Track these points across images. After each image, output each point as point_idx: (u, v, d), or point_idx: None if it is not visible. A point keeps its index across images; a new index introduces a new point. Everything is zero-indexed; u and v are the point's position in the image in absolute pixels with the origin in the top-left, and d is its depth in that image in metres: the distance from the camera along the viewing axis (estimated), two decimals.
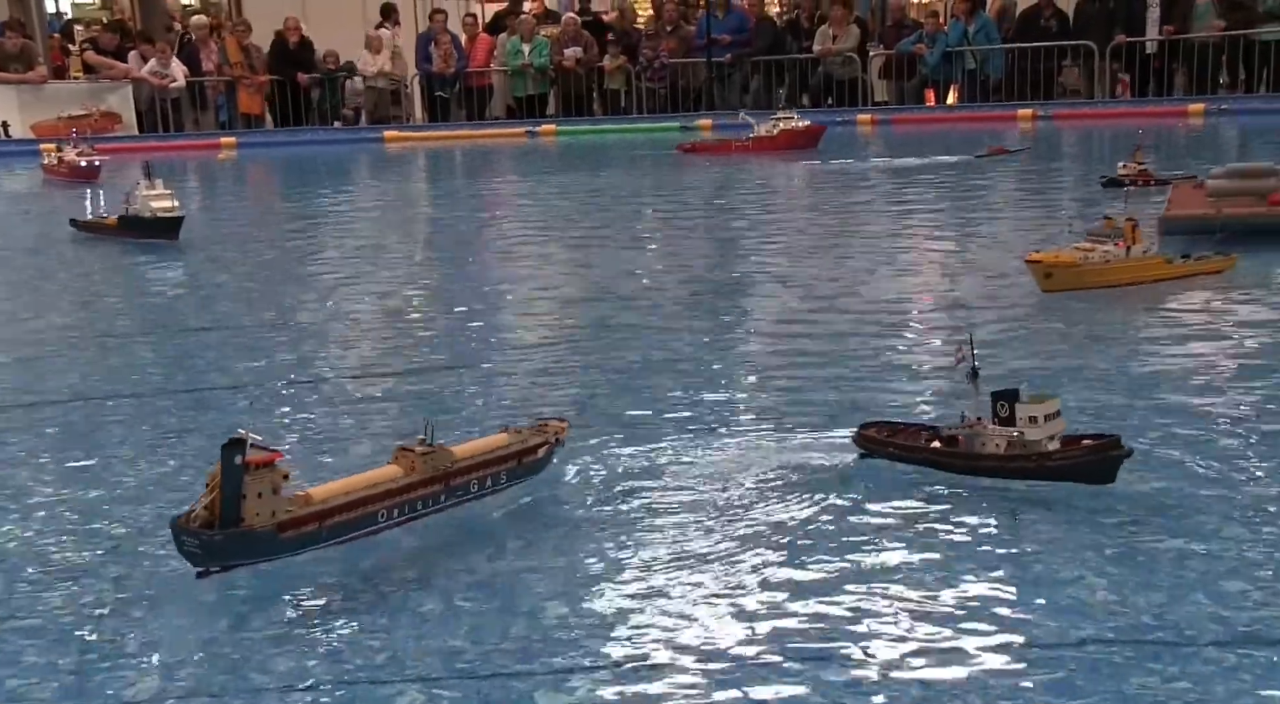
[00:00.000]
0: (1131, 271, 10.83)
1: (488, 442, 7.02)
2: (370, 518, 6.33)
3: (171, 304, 13.06)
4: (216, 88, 29.24)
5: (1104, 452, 6.49)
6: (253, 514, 5.97)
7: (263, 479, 5.99)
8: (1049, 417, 6.57)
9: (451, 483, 6.63)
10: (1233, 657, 4.98)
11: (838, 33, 27.17)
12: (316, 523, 6.15)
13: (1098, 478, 6.48)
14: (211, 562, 5.99)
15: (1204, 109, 24.17)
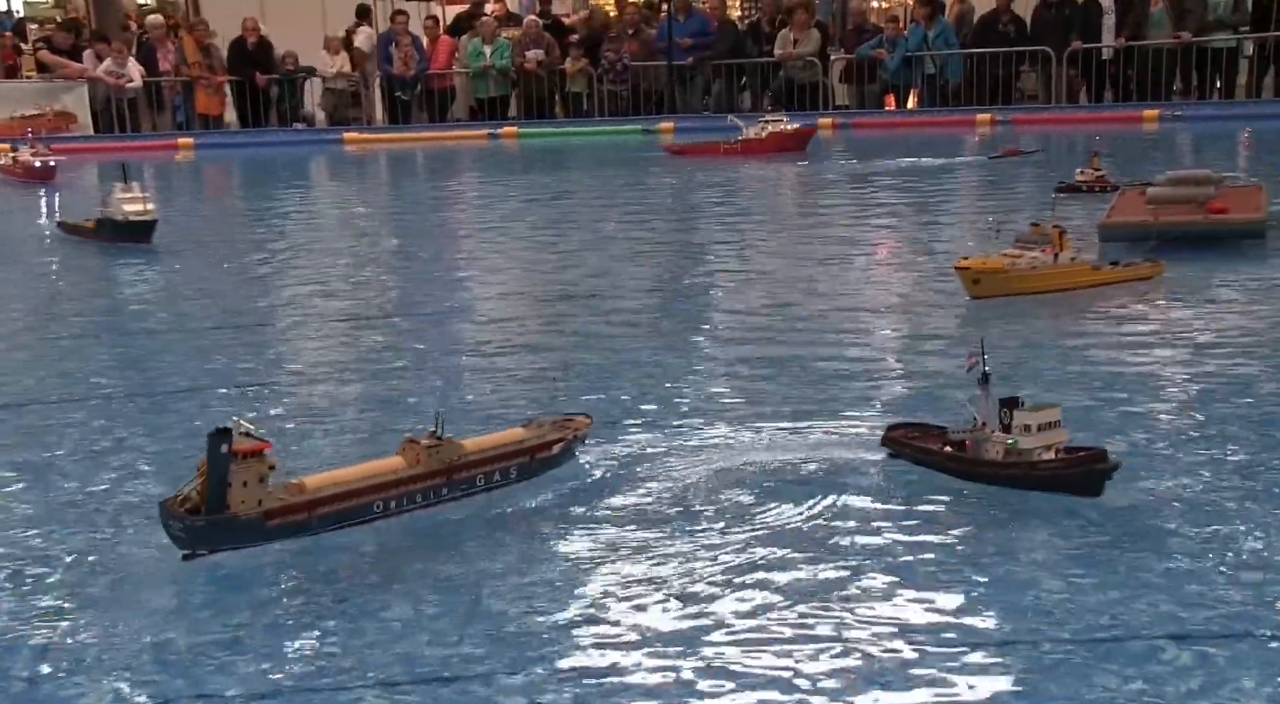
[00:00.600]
0: (1059, 278, 10.86)
1: (501, 436, 7.07)
2: (365, 508, 6.40)
3: (130, 306, 12.94)
4: (174, 88, 29.01)
5: (1088, 464, 6.45)
6: (238, 502, 6.07)
7: (249, 468, 6.08)
8: (1044, 426, 6.48)
9: (455, 477, 6.67)
10: (1188, 656, 5.04)
11: (798, 37, 27.29)
12: (306, 512, 6.24)
13: (1084, 490, 6.43)
14: (196, 546, 6.09)
15: (1159, 115, 24.42)
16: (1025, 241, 10.98)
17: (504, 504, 6.84)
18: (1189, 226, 12.47)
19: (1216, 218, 12.54)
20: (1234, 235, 12.51)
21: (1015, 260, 10.82)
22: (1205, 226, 12.47)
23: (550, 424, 7.28)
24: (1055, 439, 6.51)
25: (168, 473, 7.59)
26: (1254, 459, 7.11)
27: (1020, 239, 11.08)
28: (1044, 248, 10.84)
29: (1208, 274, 11.68)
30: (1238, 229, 12.53)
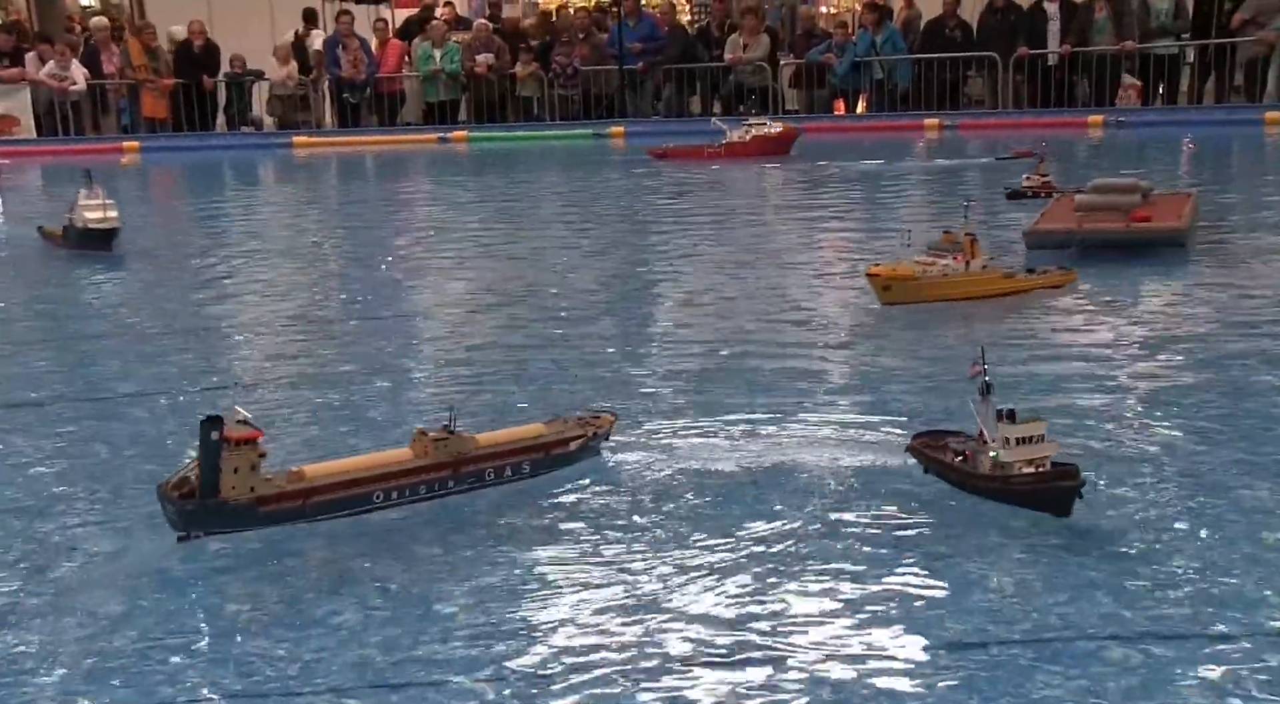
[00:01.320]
0: (970, 286, 10.84)
1: (519, 431, 7.15)
2: (364, 498, 6.53)
3: (78, 311, 12.77)
4: (118, 91, 28.71)
5: (1049, 481, 6.29)
6: (229, 488, 6.25)
7: (240, 456, 6.24)
8: (1026, 440, 6.33)
9: (462, 470, 6.74)
10: (1135, 655, 5.10)
11: (748, 41, 27.39)
12: (300, 499, 6.40)
13: (1054, 508, 6.26)
14: (189, 528, 6.28)
15: (1103, 121, 24.71)
16: (937, 249, 10.97)
17: (449, 508, 6.83)
18: (1111, 234, 12.53)
19: (1138, 226, 12.57)
20: (1155, 243, 12.54)
21: (927, 268, 10.81)
22: (1127, 234, 12.51)
23: (573, 421, 7.31)
24: (1038, 454, 6.33)
25: (112, 479, 7.54)
26: (1193, 462, 7.21)
27: (932, 246, 11.07)
28: (955, 255, 10.83)
29: (1120, 282, 11.72)
30: (1159, 237, 12.56)
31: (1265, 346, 9.52)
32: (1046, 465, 6.32)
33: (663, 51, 28.08)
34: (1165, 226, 12.65)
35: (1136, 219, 12.65)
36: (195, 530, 6.29)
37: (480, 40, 28.44)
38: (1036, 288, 11.16)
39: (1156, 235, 12.57)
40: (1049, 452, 6.34)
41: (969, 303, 10.78)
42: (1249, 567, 5.82)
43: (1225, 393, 8.45)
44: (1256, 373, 8.87)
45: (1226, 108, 25.26)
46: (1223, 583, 5.67)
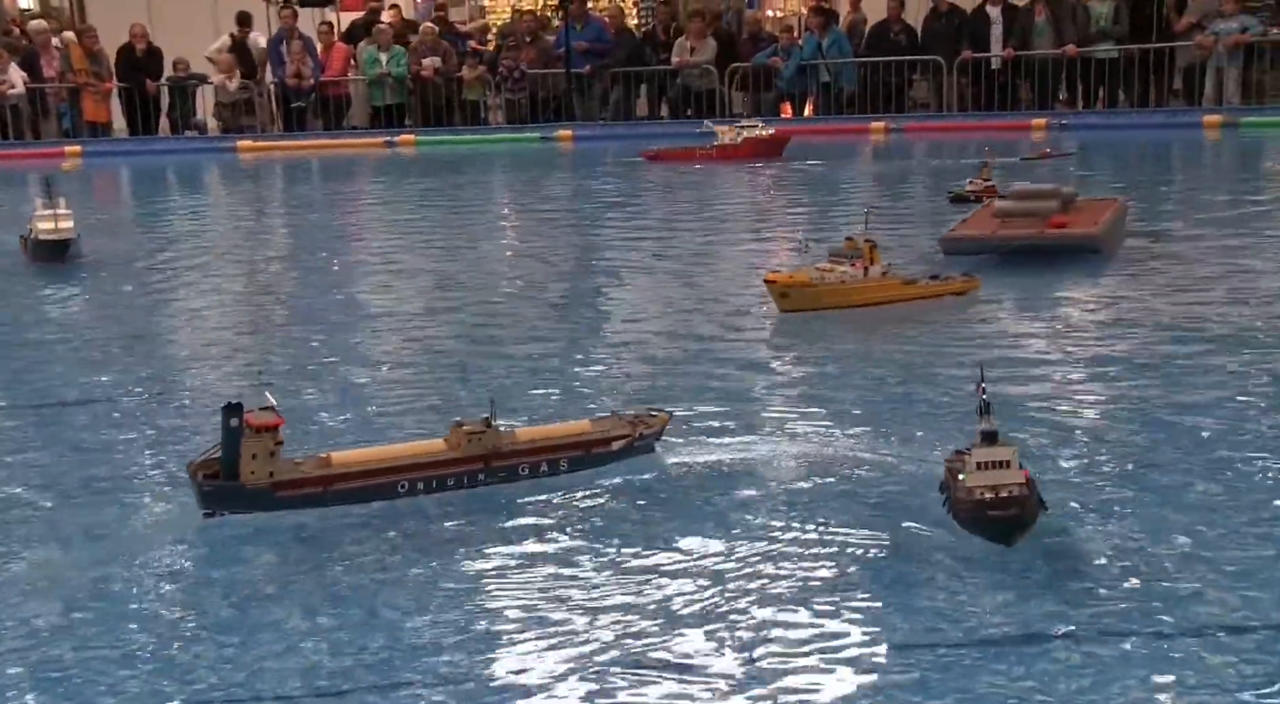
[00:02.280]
0: (869, 292, 10.78)
1: (562, 428, 7.19)
2: (388, 487, 6.70)
3: (19, 318, 12.58)
4: (59, 95, 28.34)
5: (983, 509, 6.08)
6: (248, 473, 6.51)
7: (258, 442, 6.51)
8: (989, 464, 6.07)
9: (493, 463, 6.80)
10: (1078, 656, 5.15)
11: (695, 45, 27.46)
12: (320, 486, 6.63)
13: (990, 536, 6.07)
14: (211, 507, 6.58)
15: (1046, 123, 24.97)
16: (837, 255, 10.93)
17: (395, 514, 6.80)
18: (1025, 240, 12.46)
19: (1052, 232, 12.54)
20: (1070, 249, 12.50)
21: (825, 274, 10.75)
22: (1041, 241, 12.45)
23: (624, 419, 7.26)
24: (1001, 480, 6.05)
25: (56, 485, 7.45)
26: (1136, 461, 7.30)
27: (833, 252, 11.01)
28: (854, 262, 10.79)
29: (1024, 288, 11.66)
30: (1073, 243, 12.51)
31: (1167, 351, 9.56)
32: (1008, 492, 6.05)
33: (610, 54, 28.08)
34: (1079, 233, 12.56)
35: (1053, 225, 12.59)
36: (218, 509, 6.57)
37: (427, 44, 28.32)
38: (938, 295, 11.06)
39: (1071, 242, 12.51)
40: (1014, 479, 6.07)
41: (869, 309, 10.67)
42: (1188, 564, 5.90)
43: (1120, 397, 8.56)
44: (1137, 378, 8.94)
45: (1166, 111, 25.60)
46: (1160, 581, 5.75)
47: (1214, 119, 24.11)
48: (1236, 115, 24.05)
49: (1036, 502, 6.13)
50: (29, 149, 26.97)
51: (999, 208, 13.27)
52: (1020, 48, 25.96)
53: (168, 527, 6.76)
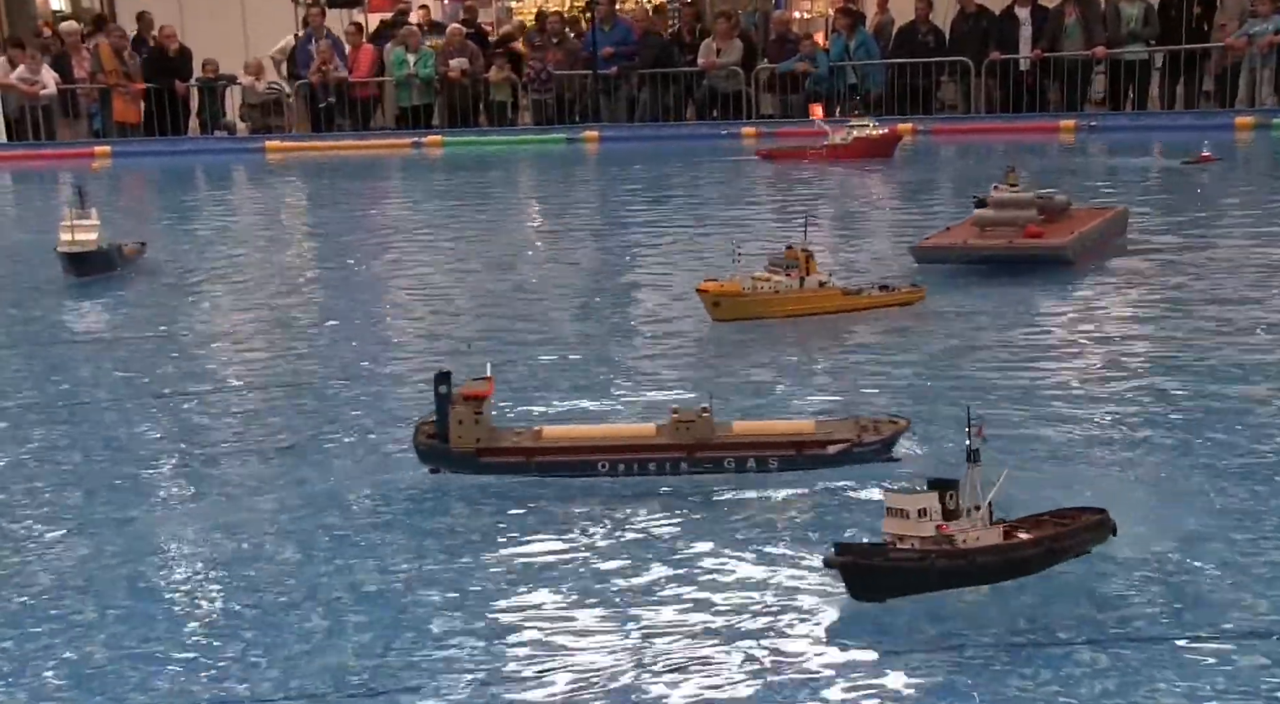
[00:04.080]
0: (804, 302, 10.58)
1: (782, 425, 7.18)
2: (588, 465, 6.95)
3: (51, 315, 12.66)
4: (89, 95, 28.53)
5: (849, 571, 5.61)
6: (456, 438, 6.95)
7: (464, 410, 6.93)
8: (900, 512, 5.59)
9: (697, 454, 6.85)
10: (1103, 658, 5.14)
11: (721, 46, 27.43)
12: (524, 457, 7.01)
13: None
14: (428, 463, 7.12)
15: (1075, 125, 24.84)
16: (776, 264, 10.77)
17: (421, 513, 6.83)
18: (993, 251, 12.25)
19: (1020, 242, 12.27)
20: (1038, 260, 12.14)
21: (759, 284, 10.60)
22: (1009, 251, 12.20)
23: (849, 423, 7.10)
24: (912, 530, 5.55)
25: (83, 483, 7.51)
26: (1161, 465, 7.28)
27: (773, 261, 10.86)
28: (790, 271, 10.63)
29: (971, 299, 11.38)
30: (1041, 254, 12.17)
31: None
32: (907, 544, 5.56)
33: (636, 56, 28.09)
34: (1046, 244, 12.24)
35: (1029, 235, 12.30)
36: (433, 466, 7.11)
37: (454, 45, 28.38)
38: (878, 305, 10.78)
39: (1038, 253, 12.21)
40: (923, 531, 5.52)
41: (801, 319, 10.48)
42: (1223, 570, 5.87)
43: (1143, 400, 8.51)
44: (1163, 379, 8.90)
45: (1196, 113, 25.42)
46: (1188, 585, 5.72)
47: (1246, 121, 23.91)
48: (1269, 117, 23.84)
49: (917, 564, 5.50)
50: (60, 149, 27.16)
51: (978, 216, 12.93)
52: (1050, 49, 25.84)
53: (199, 520, 6.84)
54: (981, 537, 5.56)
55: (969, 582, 5.56)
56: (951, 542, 5.51)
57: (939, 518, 5.52)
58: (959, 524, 5.54)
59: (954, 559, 5.52)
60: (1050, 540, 5.67)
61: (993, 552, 5.57)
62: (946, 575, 5.52)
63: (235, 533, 6.70)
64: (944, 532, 5.52)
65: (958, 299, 11.33)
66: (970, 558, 5.53)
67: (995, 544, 5.57)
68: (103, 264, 13.61)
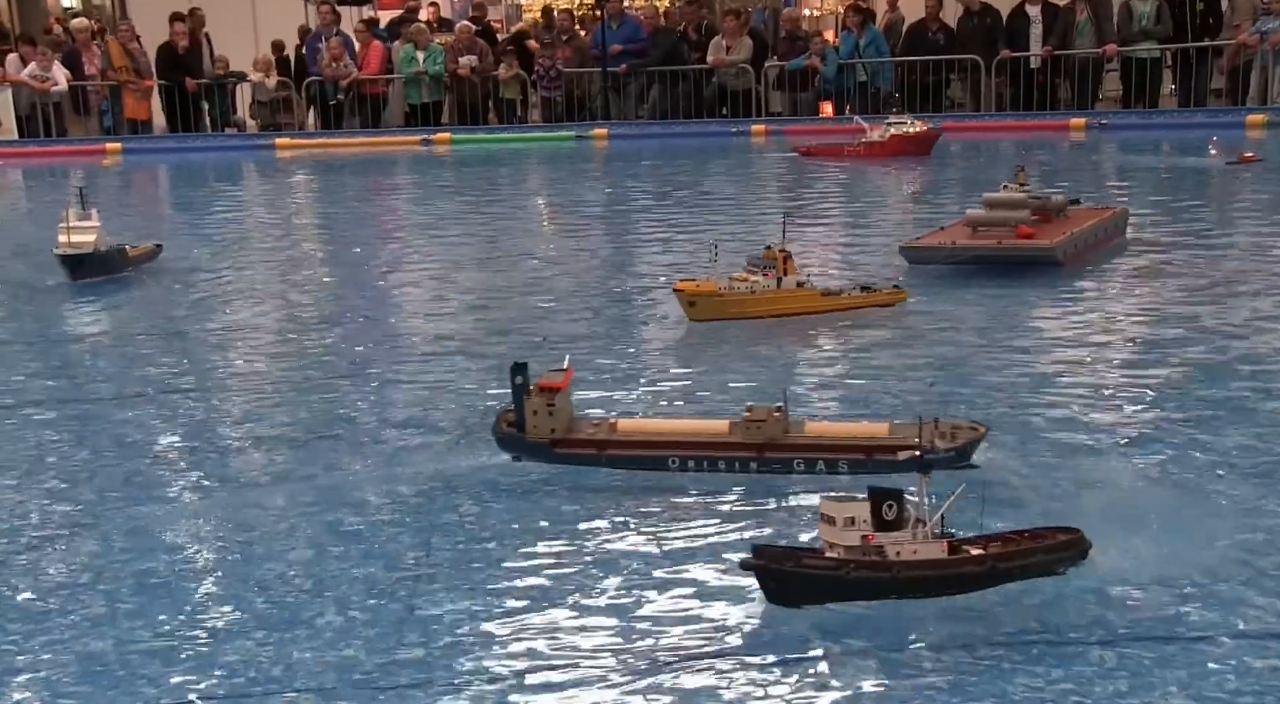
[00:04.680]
0: (781, 303, 10.51)
1: (854, 428, 7.07)
2: (659, 460, 7.00)
3: (60, 313, 12.69)
4: (100, 92, 28.59)
5: (761, 574, 5.59)
6: (531, 427, 7.12)
7: (538, 401, 7.08)
8: (830, 519, 5.55)
9: (766, 453, 6.81)
10: (1114, 657, 5.13)
11: (731, 44, 27.41)
12: (595, 449, 7.11)
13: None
14: (508, 451, 7.27)
15: (1085, 124, 24.80)
16: (754, 264, 10.71)
17: (431, 509, 6.84)
18: (983, 251, 12.18)
19: (1009, 243, 12.17)
20: (1025, 262, 12.04)
21: (735, 284, 10.53)
22: (998, 252, 12.12)
23: (926, 428, 6.75)
24: (838, 538, 5.52)
25: (94, 479, 7.53)
26: (1173, 465, 7.25)
27: (751, 261, 10.80)
28: (767, 271, 10.56)
29: (954, 301, 11.26)
30: (1030, 255, 12.06)
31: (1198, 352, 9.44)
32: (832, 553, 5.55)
33: (645, 53, 28.08)
34: (1036, 245, 12.14)
35: (1020, 236, 12.20)
36: (512, 453, 7.28)
37: (463, 42, 28.40)
38: (857, 307, 10.69)
39: (1028, 253, 12.11)
40: (843, 539, 5.49)
41: (778, 320, 10.39)
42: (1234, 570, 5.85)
43: (1153, 396, 8.49)
44: (1166, 374, 8.89)
45: (1207, 111, 25.36)
46: (1200, 585, 5.70)
47: (1257, 118, 23.83)
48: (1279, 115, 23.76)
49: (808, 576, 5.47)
50: (71, 146, 27.22)
51: (970, 216, 12.84)
52: (1060, 47, 25.79)
53: (209, 516, 6.85)
54: (920, 550, 5.47)
55: (895, 594, 5.46)
56: (881, 552, 5.44)
57: (868, 527, 5.44)
58: (893, 536, 5.44)
59: (875, 571, 5.44)
60: (995, 559, 5.54)
61: (925, 566, 5.46)
62: (865, 586, 5.46)
63: (245, 529, 6.71)
64: (870, 542, 5.45)
65: (946, 301, 11.27)
66: (894, 571, 5.44)
67: (929, 559, 5.47)
68: (100, 267, 13.41)
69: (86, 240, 13.34)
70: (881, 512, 5.46)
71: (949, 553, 5.52)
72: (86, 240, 13.34)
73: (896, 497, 5.49)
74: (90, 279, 13.24)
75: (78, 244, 13.28)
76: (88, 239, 13.35)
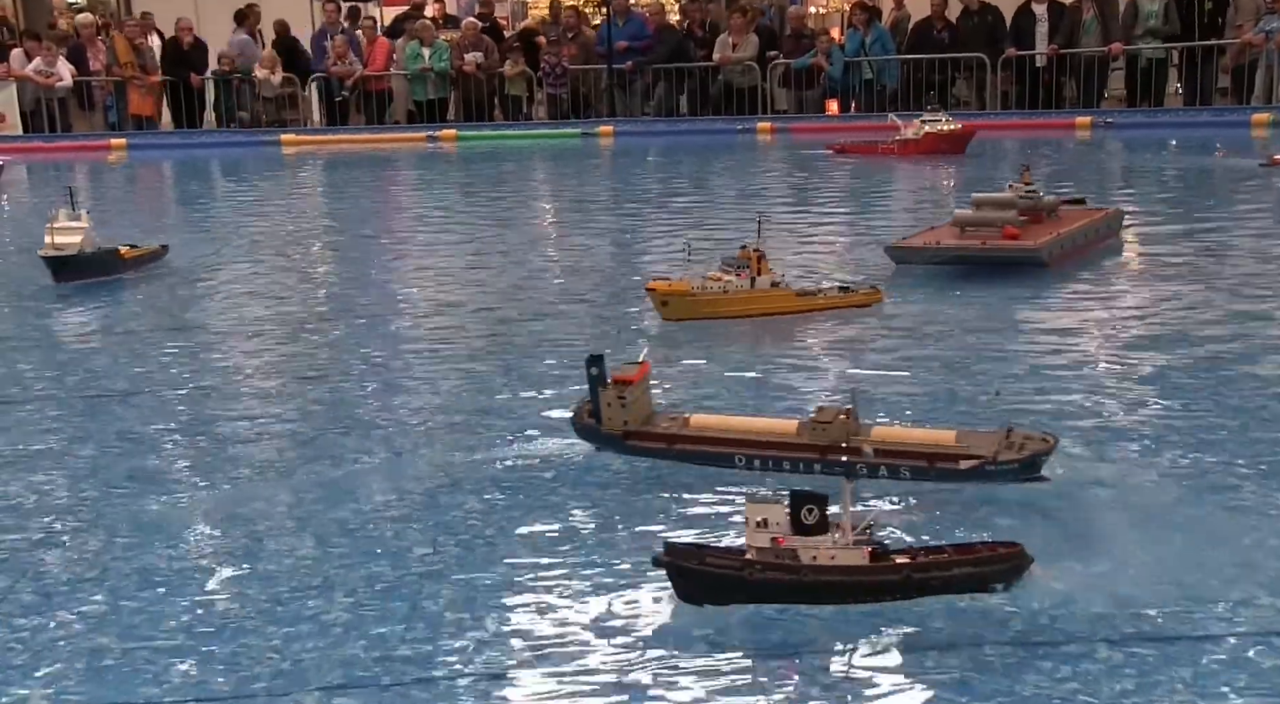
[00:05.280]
0: (754, 303, 10.47)
1: (920, 434, 6.96)
2: (725, 458, 7.01)
3: (65, 311, 12.68)
4: (105, 88, 28.61)
5: (669, 571, 5.61)
6: (606, 419, 7.24)
7: (610, 393, 7.18)
8: (747, 520, 5.60)
9: (829, 456, 6.75)
10: (1121, 656, 5.11)
11: (737, 41, 27.39)
12: (665, 443, 7.16)
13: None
14: (587, 441, 7.40)
15: (1091, 122, 24.77)
16: (728, 263, 10.67)
17: (437, 507, 6.83)
18: (967, 252, 12.11)
19: (994, 244, 11.98)
20: (1009, 263, 11.95)
21: (708, 284, 10.49)
22: (982, 252, 12.05)
23: (994, 437, 6.71)
24: (753, 539, 5.55)
25: (99, 475, 7.52)
26: (1180, 465, 7.24)
27: (726, 261, 10.77)
28: (740, 271, 10.51)
29: (928, 302, 11.21)
30: (1014, 256, 11.97)
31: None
32: (750, 553, 5.57)
33: (651, 51, 28.06)
34: (1020, 246, 12.05)
35: (1007, 236, 12.11)
36: (591, 443, 7.39)
37: (469, 39, 28.39)
38: (833, 307, 10.63)
39: (1010, 255, 12.02)
40: (755, 541, 5.53)
41: (751, 320, 10.37)
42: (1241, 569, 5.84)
43: (1155, 400, 8.47)
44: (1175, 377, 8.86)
45: (1213, 110, 25.33)
46: (1207, 585, 5.69)
47: (1262, 117, 23.80)
48: None
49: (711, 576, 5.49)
50: (77, 142, 27.24)
51: (958, 216, 12.76)
52: (1067, 45, 25.76)
53: (213, 512, 6.85)
54: (838, 556, 5.44)
55: (802, 599, 5.45)
56: (795, 556, 5.42)
57: (780, 530, 5.44)
58: (809, 540, 5.41)
59: (781, 573, 5.43)
60: (912, 570, 5.51)
61: (836, 572, 5.43)
62: (770, 589, 5.45)
63: (250, 525, 6.71)
64: (780, 544, 5.44)
65: (938, 302, 11.24)
66: (800, 574, 5.42)
67: (841, 565, 5.43)
68: (86, 269, 13.03)
69: (71, 242, 12.96)
70: (801, 515, 5.44)
71: (870, 561, 5.48)
72: (71, 242, 12.96)
73: (819, 501, 5.46)
74: (77, 281, 12.92)
75: (62, 245, 12.92)
76: (73, 240, 12.97)
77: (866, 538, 5.50)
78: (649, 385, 7.48)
